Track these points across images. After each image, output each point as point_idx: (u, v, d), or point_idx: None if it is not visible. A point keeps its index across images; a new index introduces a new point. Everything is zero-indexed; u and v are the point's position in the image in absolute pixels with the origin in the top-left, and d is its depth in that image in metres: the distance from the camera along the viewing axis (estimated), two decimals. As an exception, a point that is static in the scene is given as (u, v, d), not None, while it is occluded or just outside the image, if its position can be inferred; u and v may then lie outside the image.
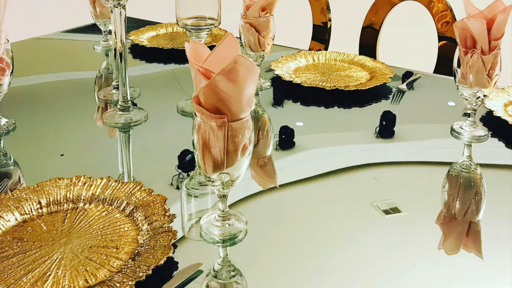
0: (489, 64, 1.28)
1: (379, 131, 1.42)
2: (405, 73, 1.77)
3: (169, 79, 1.81)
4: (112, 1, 1.35)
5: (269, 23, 1.58)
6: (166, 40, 2.07)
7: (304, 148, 1.33)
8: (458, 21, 1.30)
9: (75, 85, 1.73)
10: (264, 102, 1.59)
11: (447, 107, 1.55)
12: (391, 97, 1.60)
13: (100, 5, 1.94)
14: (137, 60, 1.94)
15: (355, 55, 1.87)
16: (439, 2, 2.04)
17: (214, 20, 1.45)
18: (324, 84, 1.63)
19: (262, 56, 1.61)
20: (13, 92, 1.46)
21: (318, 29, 2.32)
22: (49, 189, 1.05)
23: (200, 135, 0.87)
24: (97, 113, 1.53)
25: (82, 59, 1.99)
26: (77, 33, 2.27)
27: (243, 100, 0.84)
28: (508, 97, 1.50)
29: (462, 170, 1.22)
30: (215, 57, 0.86)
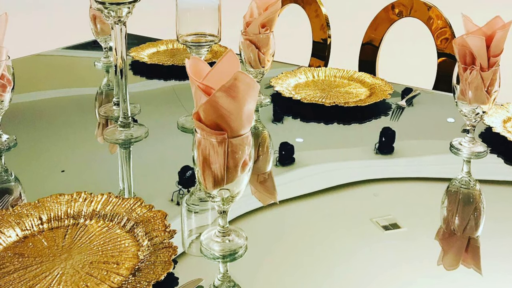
0: (488, 80, 1.28)
1: (378, 147, 1.42)
2: (405, 90, 1.78)
3: (170, 95, 1.81)
4: (113, 18, 1.36)
5: (269, 39, 1.59)
6: (166, 56, 2.08)
7: (304, 164, 1.34)
8: (457, 38, 1.31)
9: (76, 102, 1.74)
10: (264, 118, 1.59)
11: (446, 123, 1.56)
12: (391, 113, 1.61)
13: (100, 22, 1.95)
14: (138, 76, 1.95)
15: (355, 71, 1.88)
16: (438, 19, 2.05)
17: (214, 36, 1.46)
18: (324, 100, 1.64)
19: (262, 72, 1.62)
20: (14, 108, 1.46)
21: (318, 46, 2.33)
22: (50, 205, 1.05)
23: (200, 151, 0.87)
24: (98, 129, 1.53)
25: (83, 75, 2.00)
26: (77, 49, 2.28)
27: (243, 117, 0.84)
28: (507, 113, 1.51)
29: (461, 186, 1.22)
30: (215, 74, 0.87)
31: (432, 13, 2.07)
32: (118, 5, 1.33)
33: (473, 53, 1.28)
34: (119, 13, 1.35)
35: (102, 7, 1.34)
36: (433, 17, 2.07)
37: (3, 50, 1.32)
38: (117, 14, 1.35)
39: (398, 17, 2.17)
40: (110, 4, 1.33)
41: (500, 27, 1.28)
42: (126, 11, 1.35)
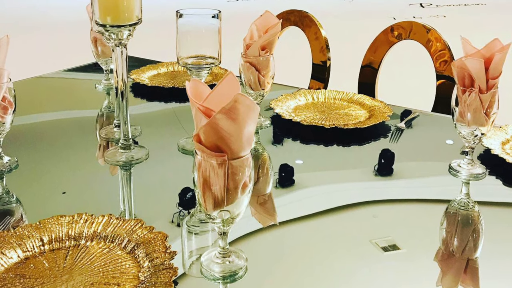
0: (486, 102, 1.29)
1: (378, 169, 1.43)
2: (404, 112, 1.79)
3: (170, 117, 1.82)
4: (114, 40, 1.36)
5: (269, 62, 1.60)
6: (167, 79, 2.09)
7: (303, 185, 1.34)
8: (456, 60, 1.31)
9: (77, 124, 1.74)
10: (264, 140, 1.60)
11: (445, 145, 1.57)
12: (390, 135, 1.61)
13: (101, 44, 1.96)
14: (138, 98, 1.96)
15: (354, 93, 1.88)
16: (437, 41, 2.06)
17: (214, 59, 1.47)
18: (324, 122, 1.64)
19: (262, 94, 1.63)
20: (15, 130, 1.47)
21: (318, 68, 2.34)
22: (51, 226, 1.06)
23: (201, 173, 0.88)
24: (99, 151, 1.54)
25: (84, 97, 2.01)
26: (78, 72, 2.29)
27: (243, 138, 0.85)
28: (505, 135, 1.51)
29: (460, 208, 1.23)
30: (216, 96, 0.87)
31: (431, 35, 2.09)
32: (119, 27, 1.34)
33: (472, 76, 1.29)
34: (120, 36, 1.36)
35: (103, 30, 1.35)
36: (432, 40, 2.08)
37: (4, 72, 1.33)
38: (118, 37, 1.36)
39: (397, 39, 2.18)
40: (111, 26, 1.34)
41: (499, 49, 1.29)
42: (127, 34, 1.36)
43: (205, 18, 1.46)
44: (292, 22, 2.45)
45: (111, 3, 1.33)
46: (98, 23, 1.35)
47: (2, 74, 1.32)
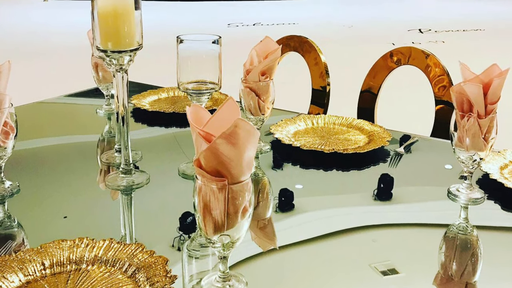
0: (485, 127, 1.29)
1: (377, 193, 1.43)
2: (403, 137, 1.79)
3: (171, 142, 1.83)
4: (115, 65, 1.37)
5: (269, 87, 1.60)
6: (167, 104, 2.10)
7: (303, 210, 1.35)
8: (455, 86, 1.32)
9: (78, 148, 1.75)
10: (264, 165, 1.61)
11: (444, 170, 1.57)
12: (389, 160, 1.62)
13: (102, 70, 1.97)
14: (139, 123, 1.96)
15: (354, 118, 1.89)
16: (436, 66, 2.07)
17: (214, 84, 1.48)
18: (323, 147, 1.65)
19: (262, 119, 1.63)
20: (17, 155, 1.47)
21: (317, 93, 2.35)
22: (52, 250, 1.06)
23: (201, 197, 0.88)
24: (100, 176, 1.55)
25: (85, 122, 2.02)
26: (80, 97, 2.30)
27: (243, 163, 0.85)
28: (504, 160, 1.52)
29: (458, 232, 1.23)
30: (216, 121, 0.88)
31: (430, 61, 2.10)
32: (120, 53, 1.35)
33: (470, 101, 1.29)
34: (121, 61, 1.37)
35: (104, 55, 1.36)
36: (431, 65, 2.09)
37: (6, 97, 1.34)
38: (118, 62, 1.37)
39: (396, 65, 2.20)
40: (112, 52, 1.35)
41: (497, 75, 1.30)
42: (127, 59, 1.37)
43: (206, 44, 1.47)
44: (292, 48, 2.46)
45: (112, 29, 1.34)
46: (99, 49, 1.36)
47: (3, 99, 1.33)
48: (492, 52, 8.07)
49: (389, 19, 11.46)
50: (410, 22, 10.90)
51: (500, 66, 1.32)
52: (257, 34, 3.80)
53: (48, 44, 8.26)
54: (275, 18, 11.19)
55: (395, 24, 10.83)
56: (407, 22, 10.93)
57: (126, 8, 1.34)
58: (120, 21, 1.34)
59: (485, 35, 9.83)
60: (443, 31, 9.94)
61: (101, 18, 1.34)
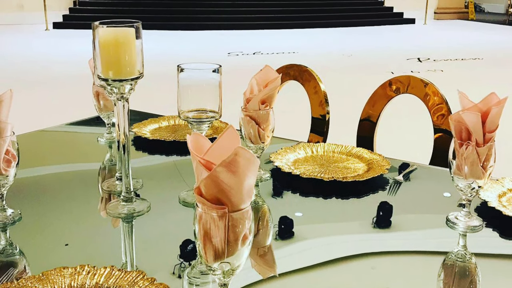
0: (483, 156, 1.30)
1: (376, 221, 1.44)
2: (402, 165, 1.80)
3: (171, 170, 1.83)
4: (116, 94, 1.38)
5: (268, 116, 1.60)
6: (168, 132, 2.10)
7: (303, 238, 1.35)
8: (454, 114, 1.33)
9: (79, 176, 1.75)
10: (264, 193, 1.61)
11: (442, 197, 1.58)
12: (388, 188, 1.62)
13: (103, 98, 1.97)
14: (140, 152, 1.97)
15: (353, 147, 1.90)
16: (434, 95, 2.09)
17: (215, 113, 1.48)
18: (323, 175, 1.66)
19: (262, 148, 1.63)
20: (19, 183, 1.48)
21: (317, 122, 2.36)
22: (54, 278, 1.07)
23: (202, 225, 0.88)
24: (101, 204, 1.55)
25: (86, 151, 2.03)
26: (81, 125, 2.31)
27: (244, 191, 0.86)
28: (502, 188, 1.53)
29: (457, 260, 1.24)
30: (216, 149, 0.88)
31: (429, 89, 2.11)
32: (121, 81, 1.36)
33: (469, 129, 1.30)
34: (122, 90, 1.38)
35: (105, 84, 1.37)
36: (429, 94, 2.10)
37: (8, 126, 1.34)
38: (119, 91, 1.38)
39: (395, 93, 2.21)
40: (113, 80, 1.36)
41: (495, 103, 1.30)
42: (128, 88, 1.38)
43: (206, 73, 1.48)
44: (292, 77, 2.48)
45: (113, 58, 1.35)
46: (100, 78, 1.37)
47: (5, 127, 1.34)
48: (491, 80, 8.11)
49: (388, 48, 11.52)
50: (409, 51, 10.96)
51: (498, 94, 1.33)
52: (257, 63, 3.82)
53: (50, 73, 8.30)
54: (274, 47, 11.24)
55: (394, 53, 10.88)
56: (406, 51, 10.99)
57: (127, 37, 1.35)
58: (121, 50, 1.35)
59: (483, 64, 9.88)
60: (441, 60, 9.99)
61: (102, 47, 1.35)
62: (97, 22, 1.34)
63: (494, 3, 21.75)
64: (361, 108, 2.27)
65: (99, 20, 1.35)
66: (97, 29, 1.34)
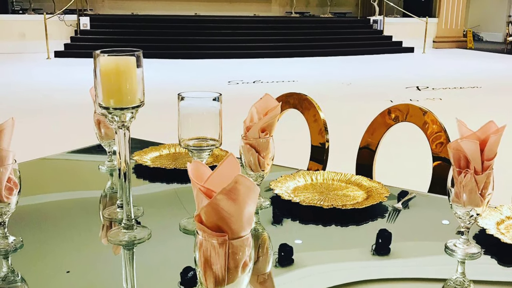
0: (482, 183, 1.30)
1: (375, 248, 1.44)
2: (401, 192, 1.81)
3: (172, 198, 1.84)
4: (117, 122, 1.39)
5: (268, 144, 1.61)
6: (169, 160, 2.11)
7: (303, 265, 1.35)
8: (452, 142, 1.33)
9: (80, 204, 1.76)
10: (263, 220, 1.61)
11: (441, 225, 1.58)
12: (387, 215, 1.63)
13: (104, 127, 1.97)
14: (141, 179, 1.97)
15: (352, 175, 1.91)
16: (433, 123, 2.10)
17: (215, 141, 1.49)
18: (322, 203, 1.66)
19: (262, 176, 1.63)
20: (20, 210, 1.48)
21: (316, 150, 2.37)
22: (55, 304, 1.07)
23: (202, 252, 0.89)
24: (102, 231, 1.55)
25: (87, 179, 2.03)
26: (82, 153, 2.32)
27: (244, 219, 0.87)
28: (500, 215, 1.53)
29: (456, 287, 1.24)
30: (216, 177, 0.89)
31: (428, 118, 2.12)
32: (122, 110, 1.37)
33: (467, 157, 1.30)
34: (123, 118, 1.39)
35: (106, 112, 1.38)
36: (428, 122, 2.11)
37: (10, 154, 1.35)
38: (120, 119, 1.39)
39: (394, 122, 2.22)
40: (114, 109, 1.36)
41: (494, 131, 1.31)
42: (129, 116, 1.39)
43: (206, 101, 1.48)
44: (292, 105, 2.49)
45: (114, 86, 1.36)
46: (101, 106, 1.37)
47: (7, 155, 1.34)
48: (489, 109, 8.15)
49: (387, 77, 11.57)
50: (408, 80, 11.01)
51: (496, 122, 1.33)
52: (257, 91, 3.84)
53: (51, 102, 8.32)
54: (274, 76, 11.29)
55: (393, 81, 10.93)
56: (405, 80, 11.04)
57: (128, 66, 1.36)
58: (122, 78, 1.36)
59: (482, 92, 9.92)
60: (440, 88, 10.03)
61: (104, 76, 1.36)
62: (98, 51, 1.35)
63: (493, 32, 21.88)
64: (360, 136, 2.28)
65: (100, 49, 1.36)
66: (98, 58, 1.35)
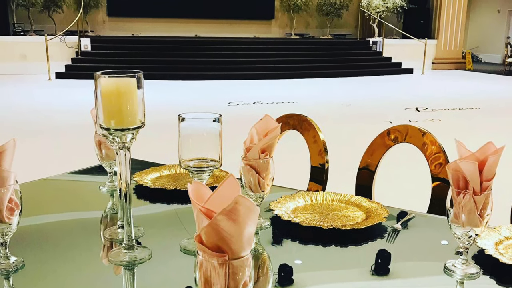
0: (480, 204, 1.31)
1: (375, 268, 1.44)
2: (400, 213, 1.81)
3: (172, 218, 1.84)
4: (117, 143, 1.40)
5: (268, 164, 1.61)
6: (169, 181, 2.11)
7: (302, 285, 1.35)
8: (451, 163, 1.34)
9: (81, 225, 1.76)
10: (263, 240, 1.62)
11: (440, 245, 1.59)
12: (387, 236, 1.63)
13: (105, 147, 1.98)
14: (141, 200, 1.98)
15: (352, 195, 1.91)
16: (432, 144, 2.10)
17: (215, 161, 1.50)
18: (322, 223, 1.67)
19: (262, 196, 1.63)
20: (21, 231, 1.48)
21: (316, 171, 2.38)
22: (56, 324, 1.07)
23: (202, 272, 0.89)
24: (103, 252, 1.56)
25: (88, 199, 2.03)
26: (83, 174, 2.32)
27: (244, 239, 0.87)
28: (499, 235, 1.54)
29: (455, 307, 1.25)
30: (217, 198, 0.90)
31: (427, 139, 2.13)
32: (123, 131, 1.38)
33: (466, 178, 1.31)
34: (124, 139, 1.39)
35: (107, 133, 1.38)
36: (427, 143, 2.12)
37: (11, 174, 1.35)
38: (121, 140, 1.39)
39: (393, 142, 2.23)
40: (114, 130, 1.37)
41: (492, 152, 1.32)
42: (130, 137, 1.40)
43: (206, 122, 1.49)
44: (291, 126, 2.50)
45: (115, 107, 1.37)
46: (102, 127, 1.38)
47: (9, 176, 1.35)
48: (488, 130, 8.16)
49: (387, 98, 11.60)
50: (407, 101, 11.04)
51: (495, 143, 1.34)
52: (257, 113, 3.86)
53: (52, 123, 8.34)
54: (274, 97, 11.32)
55: (393, 102, 10.96)
56: (404, 101, 11.07)
57: (129, 87, 1.37)
58: (123, 100, 1.37)
59: (480, 113, 9.95)
60: (439, 109, 10.06)
61: (104, 97, 1.37)
62: (99, 72, 1.36)
63: (491, 53, 21.98)
64: (360, 157, 2.29)
65: (101, 70, 1.37)
66: (99, 79, 1.36)
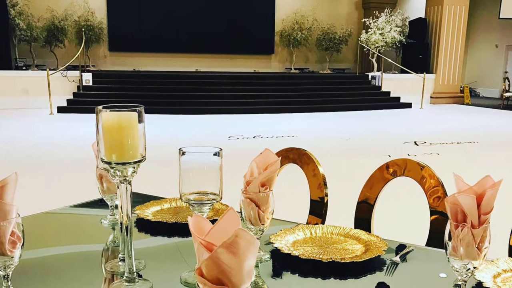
0: (478, 237, 1.31)
1: (374, 301, 1.45)
2: (399, 246, 1.82)
3: (173, 251, 1.84)
4: (119, 177, 1.41)
5: (268, 198, 1.61)
6: (170, 214, 2.11)
7: (302, 318, 1.36)
8: (449, 196, 1.34)
9: (83, 258, 1.77)
10: (263, 273, 1.62)
11: (438, 278, 1.59)
12: (385, 269, 1.64)
13: (107, 181, 1.98)
14: (142, 233, 1.97)
15: (351, 228, 1.91)
16: (431, 178, 2.11)
17: (216, 195, 1.51)
18: (321, 256, 1.67)
19: (262, 229, 1.63)
20: (23, 264, 1.48)
21: (316, 204, 2.38)
22: None
23: None
24: (104, 284, 1.56)
25: (90, 232, 2.03)
26: (85, 207, 2.32)
27: (244, 272, 0.88)
28: (497, 268, 1.54)
29: None
30: (217, 231, 0.91)
31: (425, 172, 2.14)
32: (124, 165, 1.39)
33: (464, 211, 1.32)
34: (125, 173, 1.41)
35: (108, 167, 1.40)
36: (426, 177, 2.13)
37: (13, 208, 1.35)
38: (122, 174, 1.41)
39: (392, 176, 2.23)
40: (116, 164, 1.39)
41: (490, 186, 1.33)
42: (131, 171, 1.41)
43: (207, 156, 1.50)
44: (291, 160, 2.50)
45: (116, 141, 1.38)
46: (103, 161, 1.39)
47: (11, 209, 1.35)
48: (486, 164, 8.17)
49: (386, 132, 11.62)
50: (406, 135, 11.06)
51: (493, 177, 1.35)
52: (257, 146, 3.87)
53: (54, 156, 8.34)
54: (274, 131, 11.34)
55: (391, 136, 10.97)
56: (403, 135, 11.09)
57: (130, 121, 1.38)
58: (124, 134, 1.38)
59: (478, 147, 9.96)
60: (438, 143, 10.07)
61: (106, 131, 1.38)
62: (101, 107, 1.38)
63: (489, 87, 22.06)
64: (359, 191, 2.30)
65: (103, 105, 1.39)
66: (101, 113, 1.37)
